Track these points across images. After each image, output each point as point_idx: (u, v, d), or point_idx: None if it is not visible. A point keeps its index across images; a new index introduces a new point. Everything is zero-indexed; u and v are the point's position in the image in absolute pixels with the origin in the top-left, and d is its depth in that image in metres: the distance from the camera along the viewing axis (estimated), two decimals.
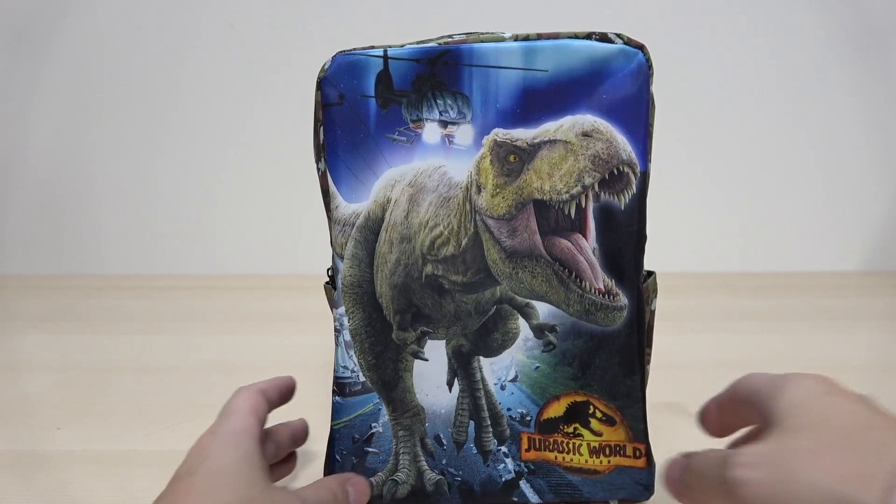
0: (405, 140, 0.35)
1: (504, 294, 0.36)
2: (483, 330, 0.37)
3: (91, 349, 0.68)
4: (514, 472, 0.38)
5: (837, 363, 0.61)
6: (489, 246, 0.35)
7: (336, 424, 0.37)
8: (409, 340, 0.37)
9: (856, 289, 0.85)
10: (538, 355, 0.37)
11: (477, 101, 0.34)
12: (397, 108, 0.34)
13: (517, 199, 0.34)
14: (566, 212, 0.34)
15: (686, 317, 0.75)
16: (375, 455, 0.38)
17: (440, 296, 0.36)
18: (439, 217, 0.35)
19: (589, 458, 0.37)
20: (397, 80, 0.34)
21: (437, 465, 0.38)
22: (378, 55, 0.34)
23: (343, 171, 0.35)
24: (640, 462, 0.37)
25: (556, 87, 0.34)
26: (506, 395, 0.37)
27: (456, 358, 0.37)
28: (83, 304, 0.82)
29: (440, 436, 0.38)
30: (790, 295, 0.82)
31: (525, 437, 0.37)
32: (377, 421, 0.37)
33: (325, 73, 0.35)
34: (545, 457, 0.37)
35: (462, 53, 0.34)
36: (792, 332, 0.70)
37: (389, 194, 0.36)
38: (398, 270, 0.36)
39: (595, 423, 0.37)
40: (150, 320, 0.76)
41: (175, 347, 0.68)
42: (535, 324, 0.36)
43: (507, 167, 0.34)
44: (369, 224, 0.36)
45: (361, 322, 0.37)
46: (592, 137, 0.33)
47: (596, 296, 0.35)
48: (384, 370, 0.37)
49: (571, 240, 0.35)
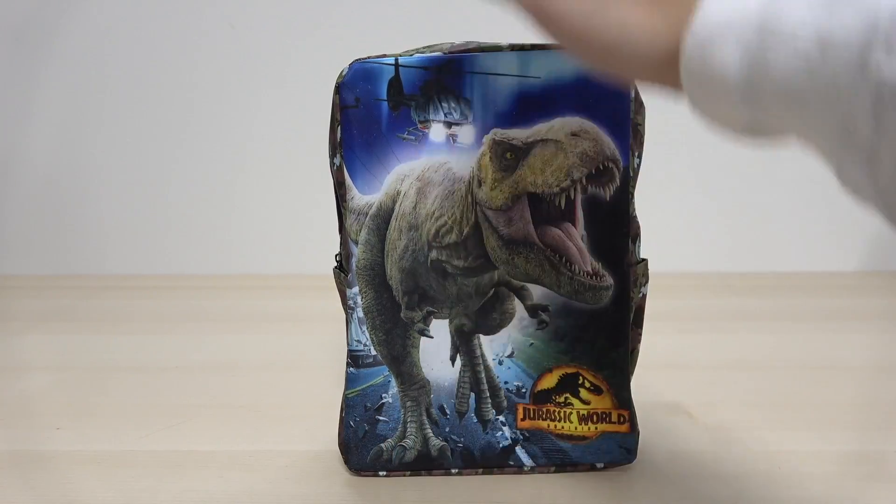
0: (414, 139, 0.43)
1: (501, 278, 0.44)
2: (483, 310, 0.45)
3: (91, 349, 0.72)
4: (511, 439, 0.46)
5: (837, 363, 0.66)
6: (488, 234, 0.43)
7: (350, 393, 0.45)
8: (416, 319, 0.45)
9: (855, 289, 0.91)
10: (532, 333, 0.45)
11: (478, 105, 0.42)
12: (407, 111, 0.43)
13: (513, 192, 0.43)
14: (557, 203, 0.43)
15: (686, 317, 0.80)
16: (385, 423, 0.46)
17: (444, 279, 0.44)
18: (444, 208, 0.44)
19: (578, 426, 0.45)
20: (407, 85, 0.42)
21: (441, 433, 0.46)
22: (390, 63, 0.42)
23: (358, 166, 0.43)
24: (623, 427, 0.45)
25: (547, 91, 0.42)
26: (503, 369, 0.45)
27: (458, 335, 0.45)
28: (83, 304, 0.88)
29: (444, 406, 0.46)
30: (789, 295, 0.88)
31: (521, 407, 0.45)
32: (387, 392, 0.45)
33: (343, 78, 0.43)
34: (539, 425, 0.45)
35: (465, 62, 0.42)
36: (791, 332, 0.75)
37: (399, 187, 0.44)
38: (406, 255, 0.44)
39: (584, 392, 0.45)
40: (150, 320, 0.82)
41: (175, 347, 0.73)
42: (529, 304, 0.44)
43: (505, 163, 0.43)
44: (381, 213, 0.44)
45: (373, 301, 0.45)
46: (580, 137, 0.42)
47: (584, 278, 0.43)
48: (393, 346, 0.45)
49: (562, 228, 0.43)
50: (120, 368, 0.67)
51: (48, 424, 0.56)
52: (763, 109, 0.25)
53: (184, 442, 0.53)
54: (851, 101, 0.22)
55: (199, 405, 0.59)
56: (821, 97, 0.22)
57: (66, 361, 0.70)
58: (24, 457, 0.50)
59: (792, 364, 0.67)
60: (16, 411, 0.58)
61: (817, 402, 0.58)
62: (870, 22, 0.21)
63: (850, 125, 0.22)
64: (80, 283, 0.97)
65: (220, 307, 0.87)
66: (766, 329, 0.77)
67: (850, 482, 0.46)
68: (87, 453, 0.51)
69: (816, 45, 0.22)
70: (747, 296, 0.89)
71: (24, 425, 0.56)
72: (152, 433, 0.54)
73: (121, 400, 0.60)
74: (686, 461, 0.49)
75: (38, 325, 0.81)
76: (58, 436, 0.54)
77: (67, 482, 0.47)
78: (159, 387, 0.63)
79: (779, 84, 0.23)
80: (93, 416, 0.57)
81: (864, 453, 0.50)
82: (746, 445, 0.51)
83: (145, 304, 0.89)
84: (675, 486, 0.45)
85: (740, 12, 0.24)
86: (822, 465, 0.48)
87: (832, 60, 0.22)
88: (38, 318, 0.83)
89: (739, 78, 0.24)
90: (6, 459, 0.50)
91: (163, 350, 0.72)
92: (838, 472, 0.47)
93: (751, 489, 0.45)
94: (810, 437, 0.52)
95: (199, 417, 0.57)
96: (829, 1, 0.22)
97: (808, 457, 0.49)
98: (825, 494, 0.45)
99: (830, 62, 0.22)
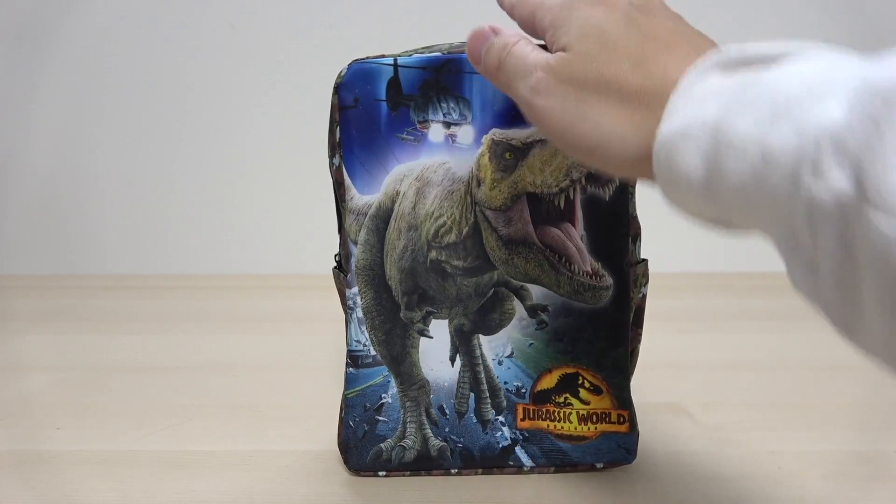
0: (413, 139, 0.43)
1: (501, 278, 0.44)
2: (482, 310, 0.45)
3: (91, 349, 0.72)
4: (510, 440, 0.46)
5: (837, 363, 0.66)
6: (487, 234, 0.43)
7: (349, 393, 0.45)
8: (416, 319, 0.45)
9: None
10: (532, 333, 0.45)
11: (477, 105, 0.42)
12: (406, 111, 0.43)
13: (512, 192, 0.43)
14: (556, 203, 0.43)
15: (686, 317, 0.80)
16: (385, 423, 0.46)
17: (443, 279, 0.44)
18: (443, 208, 0.44)
19: (578, 426, 0.45)
20: (406, 85, 0.42)
21: (440, 433, 0.46)
22: (389, 63, 0.42)
23: (357, 166, 0.43)
24: (623, 427, 0.45)
25: None
26: (503, 369, 0.45)
27: (458, 336, 0.45)
28: (83, 304, 0.88)
29: (443, 406, 0.46)
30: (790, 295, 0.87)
31: (520, 407, 0.45)
32: (386, 392, 0.45)
33: (341, 79, 0.43)
34: (538, 425, 0.45)
35: (464, 62, 0.42)
36: (792, 332, 0.75)
37: (398, 187, 0.44)
38: (406, 256, 0.44)
39: (584, 392, 0.45)
40: (150, 320, 0.82)
41: (175, 347, 0.73)
42: (528, 304, 0.44)
43: (504, 163, 0.43)
44: (380, 214, 0.44)
45: (373, 301, 0.45)
46: None
47: (584, 278, 0.43)
48: (393, 346, 0.45)
49: (561, 228, 0.43)
50: (120, 368, 0.67)
51: (48, 424, 0.56)
52: (724, 208, 0.27)
53: (184, 442, 0.53)
54: (791, 212, 0.23)
55: (199, 405, 0.59)
56: (767, 204, 0.24)
57: (66, 361, 0.69)
58: (24, 457, 0.50)
59: (792, 364, 0.67)
60: (16, 411, 0.58)
61: (817, 402, 0.58)
62: (801, 142, 0.22)
63: (794, 232, 0.24)
64: (80, 283, 0.97)
65: (220, 307, 0.87)
66: (766, 329, 0.77)
67: (850, 482, 0.46)
68: (87, 453, 0.51)
69: (760, 157, 0.24)
70: (747, 296, 0.89)
71: (24, 425, 0.56)
72: (152, 433, 0.54)
73: (121, 400, 0.60)
74: (686, 461, 0.49)
75: (38, 325, 0.81)
76: (58, 436, 0.54)
77: (67, 482, 0.47)
78: (159, 387, 0.63)
79: (732, 188, 0.25)
80: (93, 416, 0.57)
81: (864, 453, 0.50)
82: (746, 445, 0.51)
83: (145, 304, 0.89)
84: (675, 486, 0.45)
85: (699, 122, 0.26)
86: (822, 465, 0.48)
87: (773, 173, 0.23)
88: (38, 318, 0.84)
89: (700, 180, 0.26)
90: (6, 459, 0.50)
91: (163, 350, 0.72)
92: (838, 472, 0.47)
93: (751, 489, 0.45)
94: (810, 437, 0.52)
95: (199, 417, 0.57)
96: (773, 116, 0.24)
97: (808, 457, 0.49)
98: (825, 494, 0.45)
99: (772, 175, 0.23)
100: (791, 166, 0.23)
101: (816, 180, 0.22)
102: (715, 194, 0.26)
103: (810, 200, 0.22)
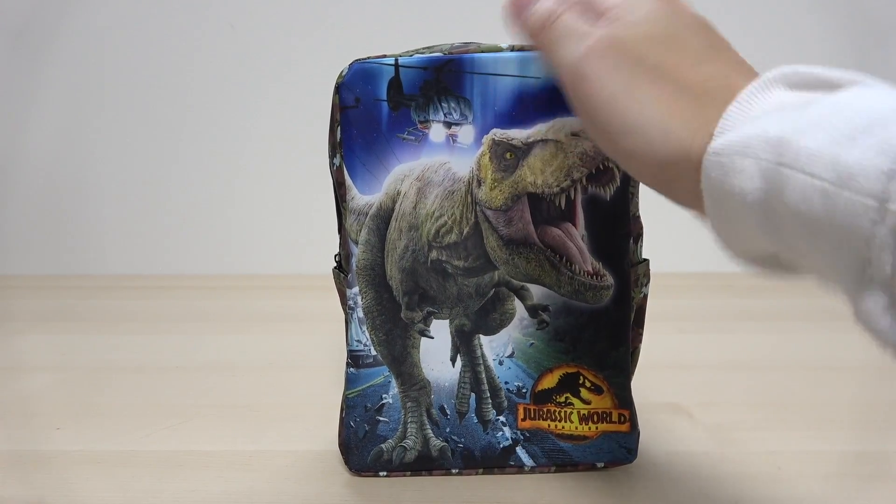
0: (414, 139, 0.43)
1: (502, 278, 0.44)
2: (483, 311, 0.45)
3: (91, 349, 0.72)
4: (511, 440, 0.46)
5: (837, 363, 0.66)
6: (488, 234, 0.43)
7: (350, 393, 0.45)
8: (417, 320, 0.45)
9: None
10: (533, 333, 0.45)
11: (477, 105, 0.42)
12: (407, 111, 0.43)
13: (513, 192, 0.43)
14: (557, 203, 0.43)
15: (686, 317, 0.81)
16: (386, 423, 0.46)
17: (444, 279, 0.44)
18: (444, 208, 0.44)
19: (579, 426, 0.45)
20: (407, 85, 0.42)
21: (441, 433, 0.46)
22: (390, 63, 0.42)
23: (358, 166, 0.43)
24: (624, 427, 0.45)
25: (547, 92, 0.42)
26: (504, 369, 0.45)
27: (458, 336, 0.45)
28: (83, 304, 0.88)
29: (444, 406, 0.46)
30: (790, 295, 0.88)
31: (521, 407, 0.45)
32: (387, 392, 0.45)
33: (342, 79, 0.43)
34: (539, 425, 0.45)
35: (464, 62, 0.42)
36: (792, 332, 0.75)
37: (399, 187, 0.44)
38: (406, 256, 0.44)
39: (585, 392, 0.45)
40: (150, 320, 0.82)
41: (175, 347, 0.73)
42: (529, 304, 0.44)
43: (504, 163, 0.43)
44: (381, 214, 0.44)
45: (373, 301, 0.45)
46: (580, 137, 0.42)
47: (585, 277, 0.43)
48: (394, 346, 0.45)
49: (562, 228, 0.43)
50: (120, 368, 0.68)
51: (48, 424, 0.56)
52: (779, 234, 0.25)
53: (184, 442, 0.53)
54: (869, 239, 0.21)
55: (199, 405, 0.59)
56: (835, 228, 0.22)
57: (66, 361, 0.70)
58: (24, 457, 0.50)
59: (792, 364, 0.67)
60: (16, 411, 0.58)
61: (817, 402, 0.58)
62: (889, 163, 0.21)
63: (869, 262, 0.22)
64: (80, 283, 0.98)
65: (220, 307, 0.87)
66: (766, 329, 0.77)
67: (850, 482, 0.46)
68: (87, 453, 0.51)
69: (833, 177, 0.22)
70: (747, 296, 0.89)
71: (24, 425, 0.56)
72: (152, 433, 0.54)
73: (121, 400, 0.61)
74: (686, 461, 0.49)
75: (38, 325, 0.81)
76: (58, 436, 0.54)
77: (67, 482, 0.47)
78: (159, 387, 0.63)
79: (794, 209, 0.23)
80: (93, 416, 0.57)
81: (864, 453, 0.50)
82: (746, 445, 0.51)
83: (145, 304, 0.89)
84: (675, 486, 0.45)
85: (761, 137, 0.24)
86: (822, 465, 0.48)
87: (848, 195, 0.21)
88: (38, 318, 0.84)
89: (757, 200, 0.24)
90: (6, 459, 0.50)
91: (163, 350, 0.72)
92: (838, 472, 0.47)
93: (751, 489, 0.45)
94: (810, 437, 0.52)
95: (199, 417, 0.57)
96: (851, 135, 0.22)
97: (808, 457, 0.49)
98: (825, 494, 0.45)
99: (846, 197, 0.21)
100: (874, 187, 0.21)
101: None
102: (772, 216, 0.24)
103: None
